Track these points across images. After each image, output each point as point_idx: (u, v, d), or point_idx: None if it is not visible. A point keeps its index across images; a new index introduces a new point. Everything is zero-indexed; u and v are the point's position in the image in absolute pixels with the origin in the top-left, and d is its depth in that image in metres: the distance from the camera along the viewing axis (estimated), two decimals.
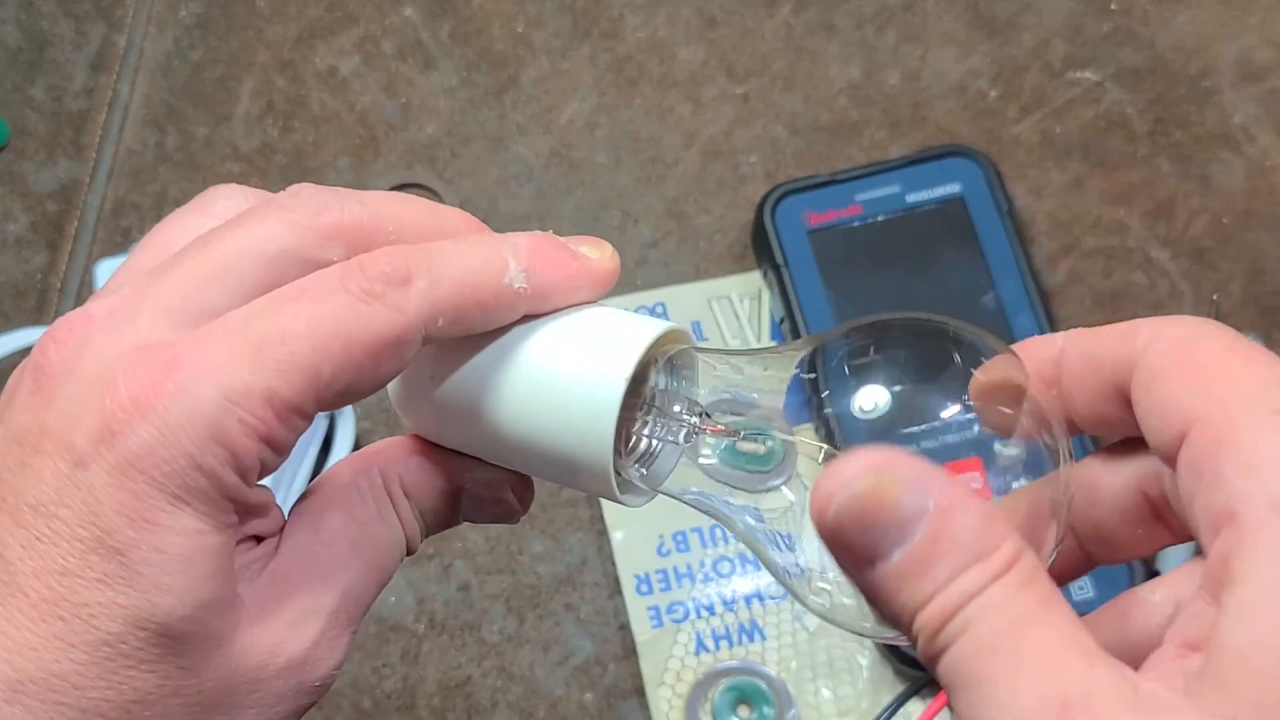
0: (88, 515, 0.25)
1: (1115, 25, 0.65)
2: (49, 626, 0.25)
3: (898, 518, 0.23)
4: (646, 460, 0.31)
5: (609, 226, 0.61)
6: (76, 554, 0.25)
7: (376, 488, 0.29)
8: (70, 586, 0.25)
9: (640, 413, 0.30)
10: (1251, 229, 0.61)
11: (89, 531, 0.25)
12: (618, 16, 0.66)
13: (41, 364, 0.26)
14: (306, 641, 0.27)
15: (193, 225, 0.28)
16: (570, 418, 0.28)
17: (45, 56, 0.65)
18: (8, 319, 0.60)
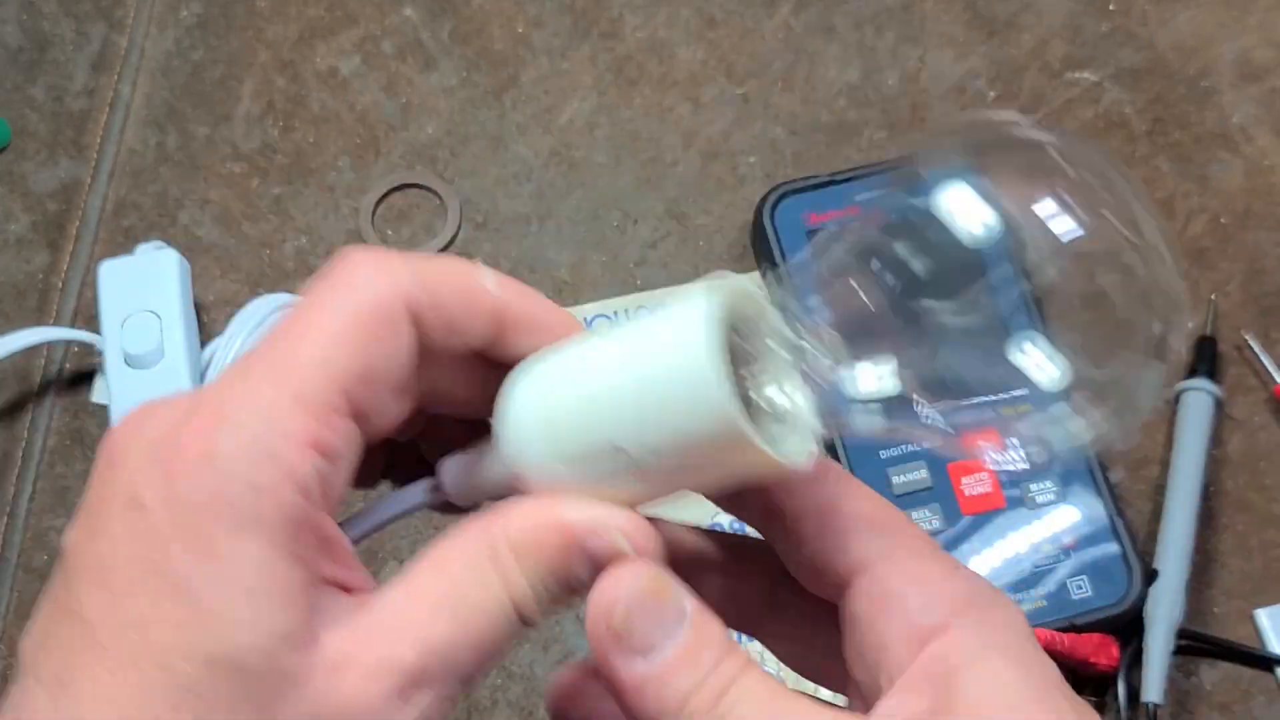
0: (156, 562, 0.25)
1: (1114, 25, 0.65)
2: (127, 677, 0.25)
3: (675, 610, 0.27)
4: (786, 414, 0.29)
5: (609, 226, 0.62)
6: (149, 602, 0.25)
7: (477, 544, 0.28)
8: (145, 635, 0.25)
9: (750, 371, 0.29)
10: (1250, 229, 0.61)
11: (159, 579, 0.25)
12: (618, 17, 0.66)
13: (110, 441, 0.27)
14: (376, 695, 0.26)
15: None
16: (673, 387, 0.27)
17: (46, 56, 0.65)
18: (9, 319, 0.60)
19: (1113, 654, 0.51)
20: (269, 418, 0.26)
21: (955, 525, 0.53)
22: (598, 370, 0.28)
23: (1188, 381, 0.56)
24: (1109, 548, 0.53)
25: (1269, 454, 0.56)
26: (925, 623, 0.28)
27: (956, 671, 0.27)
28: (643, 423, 0.27)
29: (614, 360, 0.28)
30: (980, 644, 0.28)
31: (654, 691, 0.27)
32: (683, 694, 0.27)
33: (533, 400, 0.29)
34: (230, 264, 0.61)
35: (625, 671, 0.28)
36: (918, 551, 0.30)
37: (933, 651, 0.28)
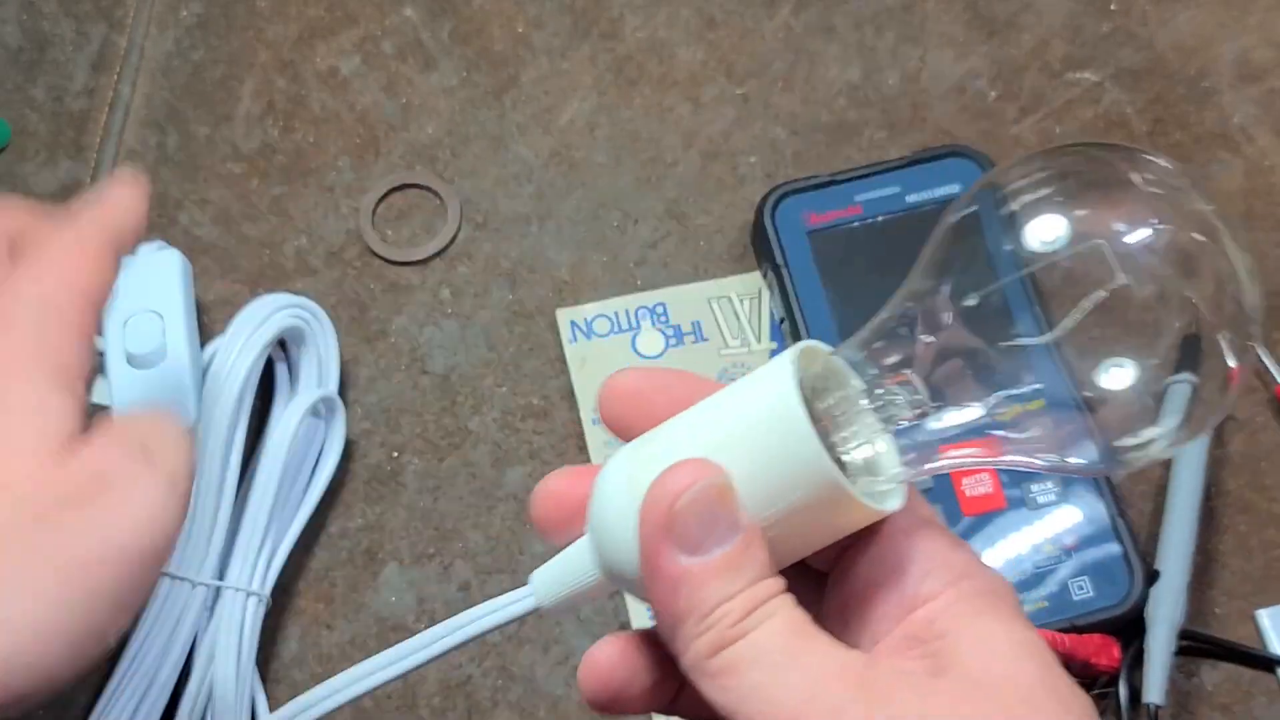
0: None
1: (1114, 25, 0.65)
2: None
3: (731, 520, 0.28)
4: (875, 465, 0.31)
5: (609, 226, 0.62)
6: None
7: None
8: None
9: (836, 426, 0.30)
10: (1251, 229, 0.61)
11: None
12: (618, 17, 0.66)
13: None
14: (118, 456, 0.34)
15: None
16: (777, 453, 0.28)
17: (46, 57, 0.65)
18: None
19: (1114, 655, 0.51)
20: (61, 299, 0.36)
21: (956, 526, 0.53)
22: (694, 434, 0.30)
23: None
24: (1110, 548, 0.53)
25: (1270, 454, 0.56)
26: (918, 590, 0.29)
27: (947, 635, 0.28)
28: (747, 475, 0.28)
29: (709, 422, 0.30)
30: (972, 610, 0.28)
31: (688, 590, 0.28)
32: (714, 600, 0.28)
33: (629, 493, 0.30)
34: (230, 264, 0.61)
35: (668, 562, 0.28)
36: (921, 521, 0.30)
37: (922, 615, 0.29)
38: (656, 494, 0.28)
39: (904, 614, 0.29)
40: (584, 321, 0.59)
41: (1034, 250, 0.30)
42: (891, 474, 0.30)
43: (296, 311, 0.55)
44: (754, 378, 0.30)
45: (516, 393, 0.59)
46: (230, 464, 0.52)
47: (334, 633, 0.55)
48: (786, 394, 0.28)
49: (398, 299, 0.60)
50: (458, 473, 0.57)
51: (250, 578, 0.52)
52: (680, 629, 0.28)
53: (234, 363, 0.53)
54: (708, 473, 0.28)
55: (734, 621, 0.28)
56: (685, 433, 0.30)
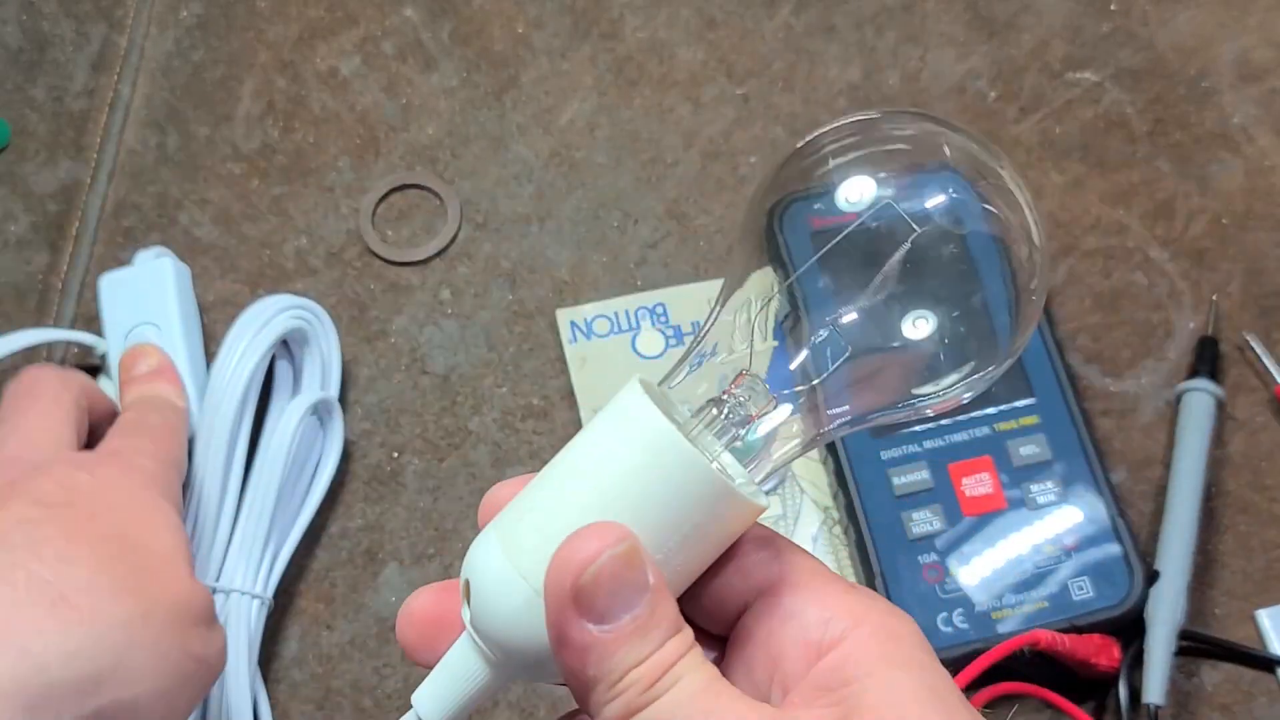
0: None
1: (1114, 26, 0.65)
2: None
3: (638, 582, 0.28)
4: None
5: (609, 226, 0.62)
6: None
7: None
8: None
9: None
10: (1251, 229, 0.61)
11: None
12: (618, 17, 0.66)
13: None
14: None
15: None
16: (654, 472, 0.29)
17: (46, 57, 0.65)
18: (9, 320, 0.60)
19: (1114, 655, 0.51)
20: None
21: (956, 526, 0.53)
22: (572, 495, 0.29)
23: (1189, 382, 0.56)
24: (1110, 548, 0.53)
25: (1270, 454, 0.56)
26: (822, 637, 0.29)
27: (854, 681, 0.28)
28: (640, 515, 0.28)
29: (583, 477, 0.29)
30: (878, 655, 0.29)
31: (597, 658, 0.28)
32: (624, 667, 0.28)
33: (518, 572, 0.29)
34: (230, 264, 0.61)
35: (576, 631, 0.28)
36: (814, 572, 0.31)
37: (829, 663, 0.29)
38: (561, 566, 0.28)
39: (809, 663, 0.29)
40: (584, 321, 0.59)
41: (825, 224, 0.31)
42: (744, 479, 0.31)
43: (299, 313, 0.55)
44: (609, 422, 0.30)
45: (516, 393, 0.59)
46: (233, 468, 0.52)
47: (334, 633, 0.55)
48: (657, 426, 0.28)
49: (398, 299, 0.60)
50: (458, 473, 0.57)
51: (253, 581, 0.52)
52: (591, 695, 0.28)
53: (236, 367, 0.53)
54: (612, 537, 0.28)
55: (644, 688, 0.27)
56: (559, 495, 0.30)
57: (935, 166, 0.31)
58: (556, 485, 0.30)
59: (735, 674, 0.31)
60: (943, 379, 0.31)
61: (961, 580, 0.53)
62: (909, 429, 0.55)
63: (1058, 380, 0.56)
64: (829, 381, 0.31)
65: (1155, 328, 0.59)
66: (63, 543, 0.41)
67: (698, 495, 0.28)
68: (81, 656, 0.38)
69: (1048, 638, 0.50)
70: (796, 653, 0.29)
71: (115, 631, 0.40)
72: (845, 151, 0.32)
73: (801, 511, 0.56)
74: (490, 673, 0.30)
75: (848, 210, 0.31)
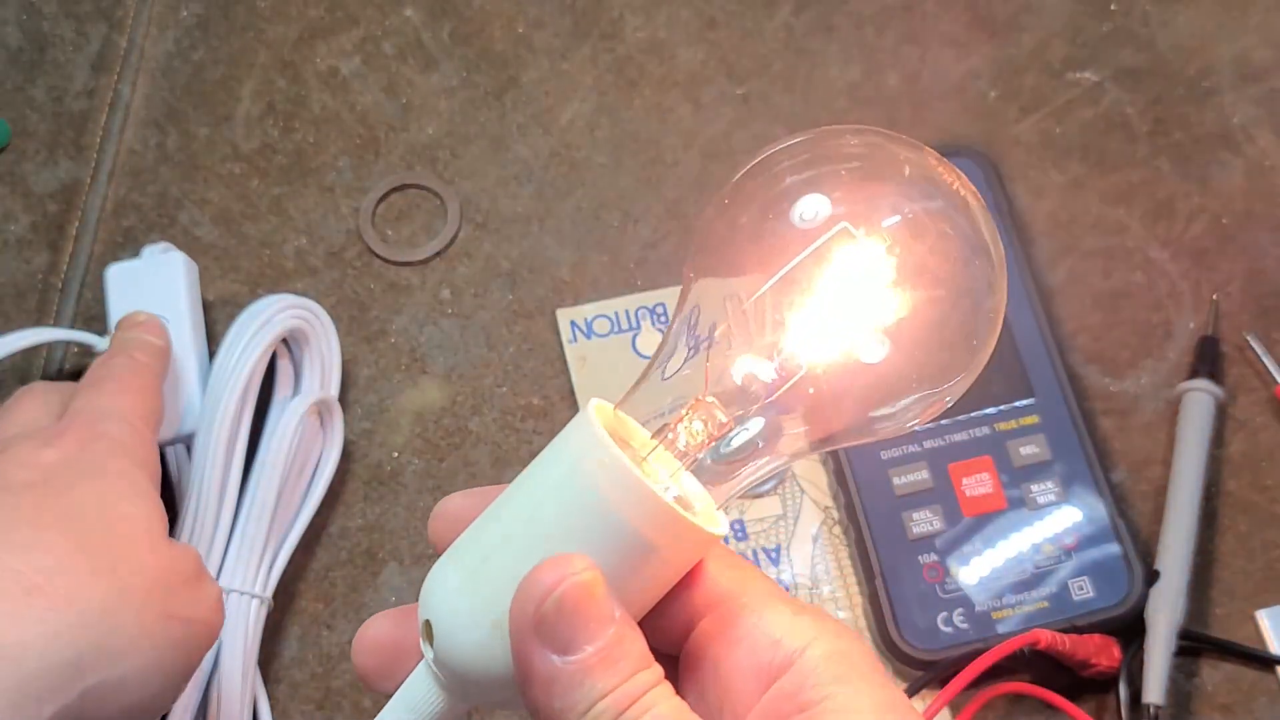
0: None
1: (1115, 26, 0.65)
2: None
3: (603, 614, 0.27)
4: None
5: (609, 227, 0.62)
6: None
7: None
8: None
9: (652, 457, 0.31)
10: (1251, 229, 0.61)
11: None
12: (618, 17, 0.66)
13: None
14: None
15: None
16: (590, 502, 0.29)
17: (46, 57, 0.65)
18: (9, 320, 0.60)
19: (1114, 655, 0.51)
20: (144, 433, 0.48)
21: (956, 526, 0.53)
22: (524, 526, 0.29)
23: (1189, 382, 0.56)
24: (1110, 548, 0.53)
25: (1271, 454, 0.56)
26: (772, 659, 0.29)
27: (811, 705, 0.28)
28: (594, 546, 0.28)
29: (535, 509, 0.29)
30: (831, 676, 0.28)
31: (563, 690, 0.27)
32: (591, 698, 0.27)
33: (476, 601, 0.29)
34: (230, 264, 0.61)
35: (540, 663, 0.27)
36: (765, 592, 0.30)
37: (783, 688, 0.29)
38: (523, 597, 0.28)
39: (760, 687, 0.29)
40: (584, 321, 0.59)
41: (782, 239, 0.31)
42: (705, 502, 0.31)
43: (299, 312, 0.55)
44: (562, 450, 0.30)
45: (516, 393, 0.59)
46: (233, 467, 0.52)
47: (334, 633, 0.55)
48: (608, 456, 0.28)
49: (398, 299, 0.60)
50: (458, 473, 0.57)
51: (253, 580, 0.52)
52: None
53: (236, 365, 0.53)
54: (572, 568, 0.27)
55: (613, 717, 0.27)
56: (512, 527, 0.29)
57: (893, 183, 0.31)
58: (509, 516, 0.30)
59: (688, 699, 0.30)
60: (901, 399, 0.31)
61: (961, 580, 0.53)
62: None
63: (1058, 380, 0.56)
64: (784, 403, 0.31)
65: (1155, 328, 0.59)
66: (30, 529, 0.40)
67: (650, 525, 0.28)
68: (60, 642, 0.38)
69: (1048, 638, 0.50)
70: (747, 677, 0.29)
71: (92, 613, 0.39)
72: (800, 170, 0.31)
73: (801, 511, 0.56)
74: (448, 701, 0.30)
75: (803, 228, 0.31)
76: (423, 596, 0.30)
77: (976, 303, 0.31)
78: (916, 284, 0.30)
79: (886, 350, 0.30)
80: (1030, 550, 0.53)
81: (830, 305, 0.30)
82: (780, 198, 0.31)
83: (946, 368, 0.31)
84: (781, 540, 0.55)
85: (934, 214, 0.31)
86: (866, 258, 0.30)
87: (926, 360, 0.31)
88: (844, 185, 0.31)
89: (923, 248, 0.30)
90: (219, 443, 0.52)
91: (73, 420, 0.46)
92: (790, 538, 0.55)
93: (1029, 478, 0.54)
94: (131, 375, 0.49)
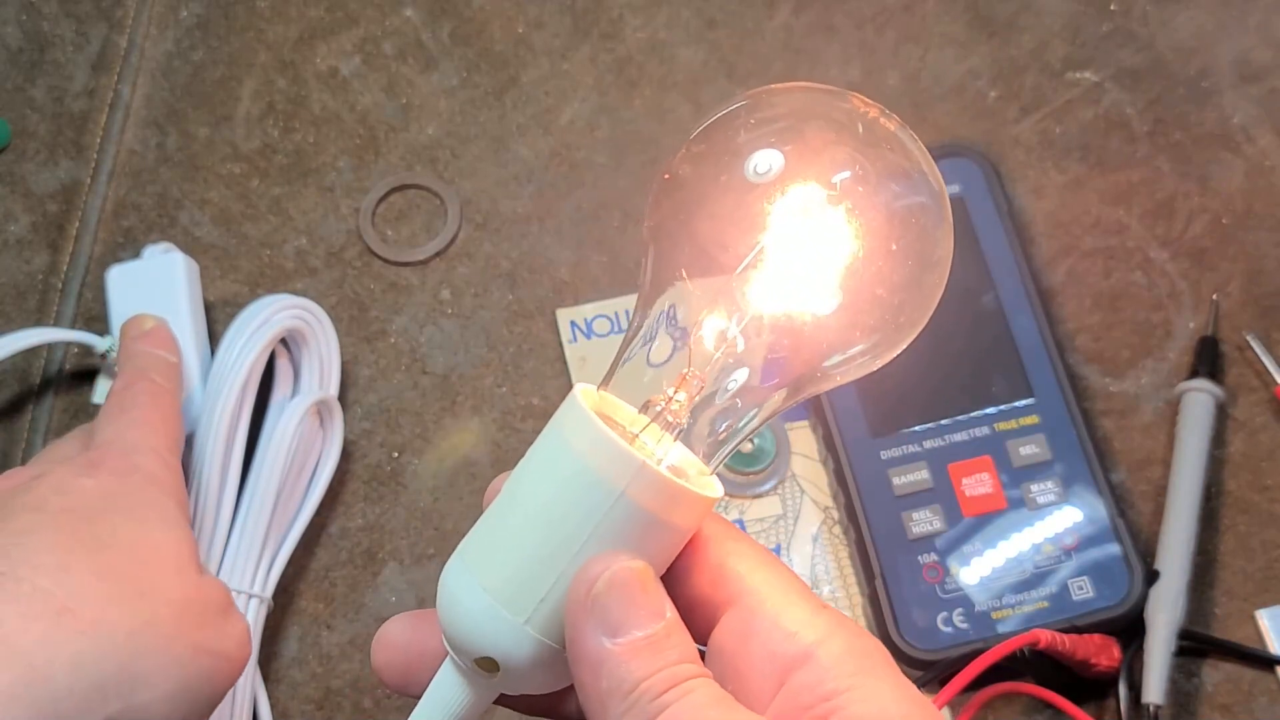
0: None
1: (1115, 26, 0.65)
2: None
3: (654, 606, 0.29)
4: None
5: (609, 227, 0.62)
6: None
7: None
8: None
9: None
10: (1251, 229, 0.61)
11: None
12: (618, 17, 0.66)
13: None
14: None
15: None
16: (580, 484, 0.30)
17: (46, 57, 0.65)
18: (9, 320, 0.60)
19: (1114, 655, 0.51)
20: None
21: (956, 526, 0.53)
22: (523, 518, 0.30)
23: (1189, 382, 0.56)
24: (1110, 548, 0.53)
25: (1270, 454, 0.56)
26: (788, 653, 0.29)
27: (834, 695, 0.29)
28: (589, 523, 0.29)
29: (532, 498, 0.30)
30: (852, 669, 0.29)
31: (611, 669, 0.28)
32: (637, 678, 0.28)
33: (482, 592, 0.30)
34: (230, 264, 0.61)
35: (591, 642, 0.29)
36: (785, 587, 0.31)
37: (802, 680, 0.29)
38: (579, 577, 0.29)
39: (779, 679, 0.29)
40: (584, 321, 0.59)
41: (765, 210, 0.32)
42: (698, 468, 0.32)
43: (298, 313, 0.55)
44: (552, 437, 0.31)
45: (516, 393, 0.59)
46: (231, 467, 0.52)
47: (334, 633, 0.55)
48: (597, 434, 0.29)
49: (398, 299, 0.60)
50: (458, 472, 0.57)
51: (252, 580, 0.52)
52: (605, 714, 0.29)
53: (234, 365, 0.53)
54: (621, 558, 0.29)
55: (655, 695, 0.28)
56: (512, 513, 0.31)
57: (840, 134, 0.32)
58: (510, 507, 0.31)
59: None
60: (853, 348, 0.32)
61: (961, 580, 0.53)
62: (908, 428, 0.55)
63: (1058, 380, 0.56)
64: (751, 359, 0.32)
65: (1155, 328, 0.59)
66: (63, 552, 0.41)
67: (643, 495, 0.29)
68: (87, 666, 0.38)
69: (1048, 638, 0.50)
70: (764, 669, 0.30)
71: (120, 639, 0.40)
72: (752, 129, 0.32)
73: (801, 511, 0.56)
74: (474, 695, 0.32)
75: (755, 181, 0.31)
76: (440, 584, 0.31)
77: (923, 250, 0.32)
78: (864, 234, 0.31)
79: (838, 300, 0.31)
80: (1030, 550, 0.53)
81: (785, 259, 0.31)
82: (733, 155, 0.32)
83: (896, 316, 0.32)
84: (781, 540, 0.55)
85: (879, 163, 0.31)
86: (816, 211, 0.31)
87: (875, 309, 0.32)
88: (793, 139, 0.32)
89: (869, 198, 0.31)
90: (218, 441, 0.52)
91: (106, 452, 0.46)
92: (790, 538, 0.55)
93: (1029, 478, 0.54)
94: (154, 404, 0.49)
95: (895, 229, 0.31)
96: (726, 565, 0.31)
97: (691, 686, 0.28)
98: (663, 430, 0.31)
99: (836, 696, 0.28)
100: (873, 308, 0.32)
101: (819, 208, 0.31)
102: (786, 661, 0.29)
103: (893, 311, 0.32)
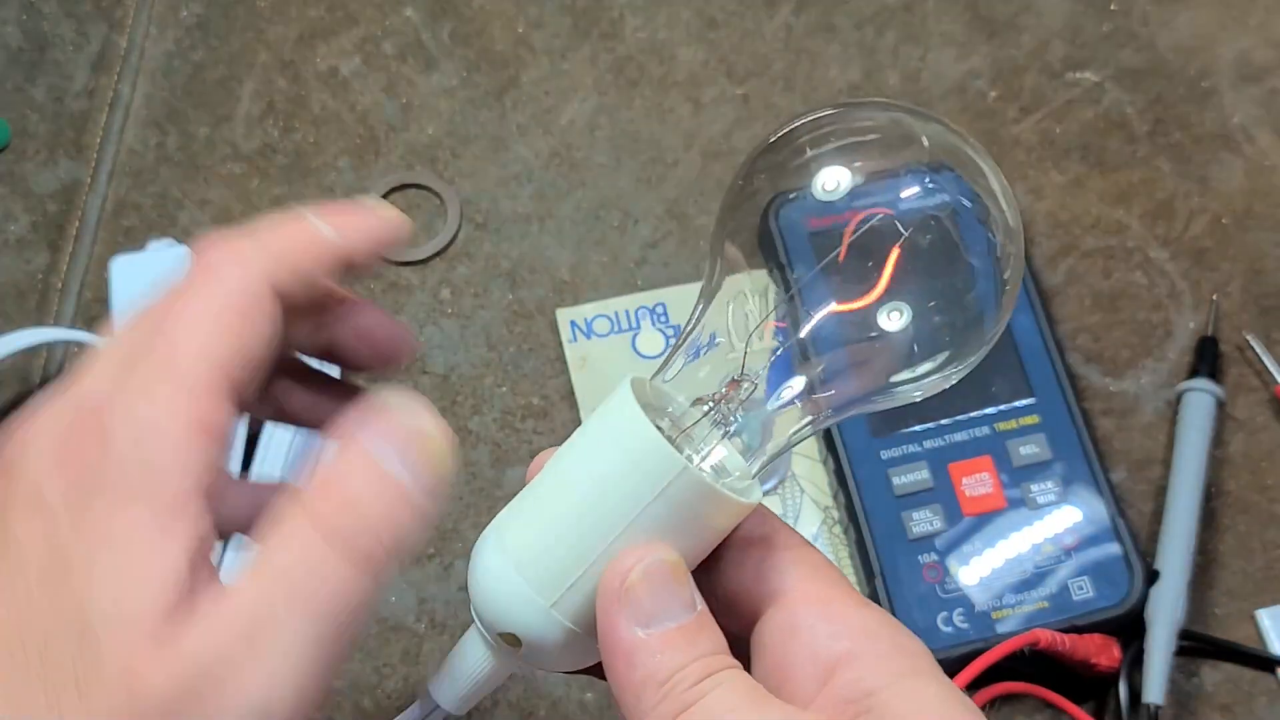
0: (54, 553, 0.26)
1: (1115, 26, 0.65)
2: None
3: (686, 598, 0.29)
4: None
5: (609, 227, 0.62)
6: (47, 598, 0.26)
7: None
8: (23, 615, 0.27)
9: (684, 441, 0.31)
10: (1251, 229, 0.61)
11: (58, 569, 0.26)
12: (618, 17, 0.66)
13: (10, 448, 0.28)
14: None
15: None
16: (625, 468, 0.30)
17: (46, 57, 0.65)
18: (9, 319, 0.60)
19: (1114, 655, 0.51)
20: (164, 409, 0.27)
21: (956, 525, 0.53)
22: (561, 503, 0.30)
23: (1189, 382, 0.56)
24: (1110, 548, 0.53)
25: (1270, 454, 0.56)
26: (831, 650, 0.29)
27: (877, 691, 0.28)
28: (632, 517, 0.29)
29: (572, 485, 0.30)
30: (895, 669, 0.29)
31: (644, 659, 0.28)
32: (670, 669, 0.28)
33: (513, 571, 0.30)
34: None
35: (624, 632, 0.29)
36: (830, 584, 0.31)
37: (845, 677, 0.29)
38: (612, 568, 0.29)
39: (818, 680, 0.29)
40: (584, 321, 0.59)
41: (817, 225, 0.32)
42: (742, 470, 0.32)
43: None
44: (598, 426, 0.31)
45: (516, 393, 0.59)
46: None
47: None
48: (642, 432, 0.29)
49: (398, 298, 0.60)
50: (458, 473, 0.57)
51: None
52: (640, 704, 0.29)
53: None
54: (654, 550, 0.29)
55: (690, 684, 0.28)
56: (552, 499, 0.31)
57: (916, 159, 0.32)
58: (549, 490, 0.31)
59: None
60: (923, 366, 0.32)
61: (961, 580, 0.53)
62: (908, 428, 0.55)
63: (1058, 380, 0.56)
64: (821, 374, 0.32)
65: (1155, 328, 0.59)
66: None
67: (683, 497, 0.29)
68: None
69: (1048, 638, 0.50)
70: (806, 666, 0.30)
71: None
72: (823, 142, 0.32)
73: (801, 511, 0.56)
74: (495, 662, 0.32)
75: (826, 200, 0.31)
76: (471, 561, 0.32)
77: (1000, 273, 0.32)
78: (948, 259, 0.31)
79: (906, 318, 0.31)
80: (1030, 550, 0.53)
81: (869, 283, 0.31)
82: (803, 169, 0.32)
83: (962, 336, 0.32)
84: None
85: (960, 189, 0.31)
86: (887, 230, 0.31)
87: (942, 329, 0.32)
88: (864, 157, 0.32)
89: (938, 219, 0.31)
90: None
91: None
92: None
93: (1029, 477, 0.54)
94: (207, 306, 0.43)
95: (962, 251, 0.31)
96: (769, 561, 0.31)
97: (725, 677, 0.28)
98: (710, 428, 0.31)
99: (881, 692, 0.28)
100: (937, 329, 0.32)
101: (888, 227, 0.31)
102: (830, 660, 0.29)
103: (957, 334, 0.32)
